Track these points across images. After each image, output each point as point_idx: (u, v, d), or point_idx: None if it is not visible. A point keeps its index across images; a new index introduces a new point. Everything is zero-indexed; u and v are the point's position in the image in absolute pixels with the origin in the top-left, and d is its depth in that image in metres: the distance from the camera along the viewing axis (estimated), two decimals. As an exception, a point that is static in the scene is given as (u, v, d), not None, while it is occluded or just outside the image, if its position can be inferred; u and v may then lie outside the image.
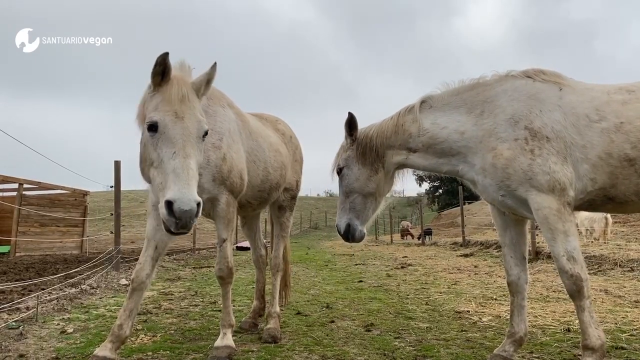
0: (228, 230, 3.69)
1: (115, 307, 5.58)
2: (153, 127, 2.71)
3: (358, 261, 12.81)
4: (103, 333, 4.27)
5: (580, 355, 3.09)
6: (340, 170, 3.61)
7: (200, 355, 3.69)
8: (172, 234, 2.57)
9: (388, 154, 3.48)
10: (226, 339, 3.60)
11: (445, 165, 3.39)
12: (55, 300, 5.81)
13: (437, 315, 5.19)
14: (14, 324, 4.52)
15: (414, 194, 69.24)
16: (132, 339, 4.07)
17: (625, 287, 6.62)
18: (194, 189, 2.55)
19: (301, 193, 5.46)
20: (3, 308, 5.06)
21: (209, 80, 3.07)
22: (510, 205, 3.15)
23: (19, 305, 5.29)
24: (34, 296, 5.61)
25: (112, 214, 10.25)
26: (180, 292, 7.04)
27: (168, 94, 2.78)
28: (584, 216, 12.54)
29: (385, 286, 7.58)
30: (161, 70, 2.78)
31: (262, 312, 4.86)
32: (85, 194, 19.01)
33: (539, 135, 3.01)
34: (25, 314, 4.89)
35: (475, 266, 10.35)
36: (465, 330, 4.46)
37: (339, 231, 3.55)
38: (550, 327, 4.47)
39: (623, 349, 3.70)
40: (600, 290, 6.36)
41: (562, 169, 2.96)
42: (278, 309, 4.54)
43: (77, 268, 8.80)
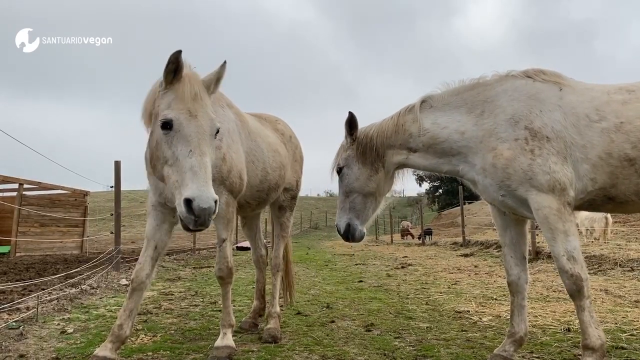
0: (228, 230, 3.69)
1: (115, 307, 5.58)
2: (167, 125, 2.72)
3: (358, 261, 12.80)
4: (103, 333, 4.27)
5: (580, 355, 3.09)
6: (340, 170, 3.60)
7: (201, 355, 3.69)
8: (190, 231, 2.63)
9: (388, 153, 3.48)
10: (226, 339, 3.60)
11: (446, 165, 3.39)
12: (56, 301, 5.81)
13: (437, 315, 5.19)
14: (14, 324, 4.52)
15: (414, 193, 69.31)
16: (132, 339, 4.07)
17: (625, 287, 6.62)
18: (211, 187, 2.61)
19: (301, 193, 5.46)
20: (3, 308, 5.06)
21: (219, 79, 3.08)
22: (510, 205, 3.15)
23: (19, 306, 5.29)
24: (34, 296, 5.61)
25: (112, 214, 10.25)
26: (181, 292, 7.04)
27: (181, 91, 2.79)
28: (584, 216, 12.53)
29: (386, 286, 7.58)
30: (174, 68, 2.79)
31: (262, 312, 4.86)
32: (85, 194, 19.01)
33: (539, 135, 3.01)
34: (26, 314, 4.88)
35: (476, 266, 10.35)
36: (465, 330, 4.45)
37: (339, 231, 3.55)
38: (551, 327, 4.47)
39: (623, 348, 3.70)
40: (601, 290, 6.36)
41: (562, 168, 2.96)
42: (278, 309, 4.54)
43: (78, 268, 8.80)
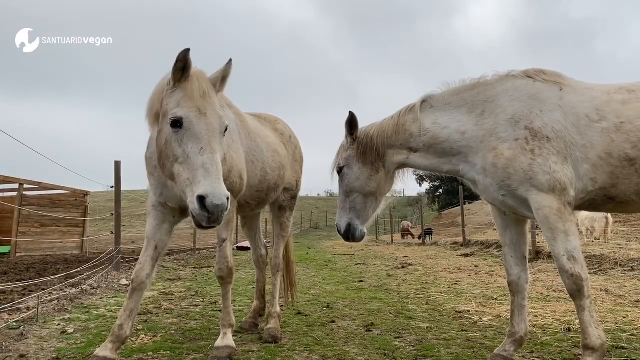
0: (228, 230, 3.69)
1: (115, 307, 5.58)
2: (177, 123, 2.73)
3: (358, 261, 12.80)
4: (103, 333, 4.27)
5: (580, 355, 3.09)
6: (340, 170, 3.60)
7: (201, 355, 3.69)
8: (203, 229, 2.64)
9: (389, 153, 3.48)
10: (227, 339, 3.60)
11: (446, 165, 3.39)
12: (56, 301, 5.81)
13: (438, 315, 5.19)
14: (15, 324, 4.52)
15: (415, 193, 69.20)
16: (133, 339, 4.07)
17: (625, 287, 6.61)
18: (223, 184, 2.63)
19: (301, 193, 5.46)
20: (4, 308, 5.06)
21: (225, 77, 3.09)
22: (510, 205, 3.15)
23: (20, 306, 5.29)
24: (35, 296, 5.61)
25: (113, 214, 10.26)
26: (181, 292, 7.05)
27: (190, 90, 2.81)
28: (584, 216, 12.52)
29: (386, 286, 7.57)
30: (182, 66, 2.81)
31: (263, 312, 4.86)
32: (85, 194, 19.01)
33: (540, 135, 3.01)
34: (26, 314, 4.88)
35: (476, 266, 10.34)
36: (465, 330, 4.45)
37: (339, 231, 3.55)
38: (551, 327, 4.47)
39: (623, 348, 3.70)
40: (601, 290, 6.35)
41: (563, 168, 2.96)
42: (278, 309, 4.54)
43: (78, 268, 8.81)
